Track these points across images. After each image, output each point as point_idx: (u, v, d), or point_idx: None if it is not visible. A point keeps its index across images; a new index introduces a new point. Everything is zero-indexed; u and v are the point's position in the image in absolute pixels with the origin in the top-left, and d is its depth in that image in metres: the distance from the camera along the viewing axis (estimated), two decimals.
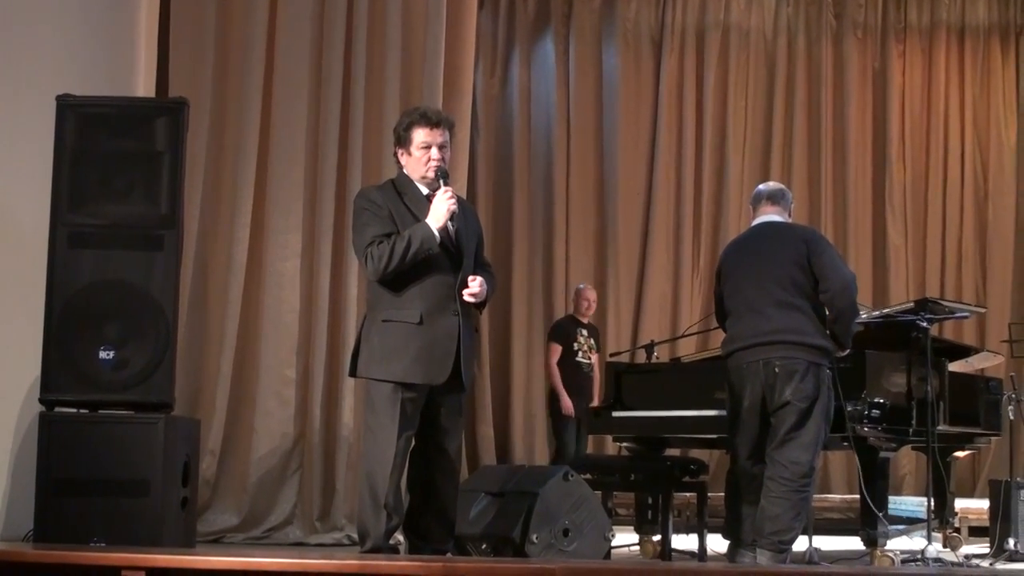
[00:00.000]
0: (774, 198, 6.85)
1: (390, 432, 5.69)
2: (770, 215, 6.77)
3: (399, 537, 6.07)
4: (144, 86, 7.74)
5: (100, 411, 6.06)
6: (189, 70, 8.28)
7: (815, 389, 6.28)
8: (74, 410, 6.07)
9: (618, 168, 11.86)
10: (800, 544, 6.99)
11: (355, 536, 6.97)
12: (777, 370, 6.28)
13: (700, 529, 7.31)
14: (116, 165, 6.15)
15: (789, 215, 6.85)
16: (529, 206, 11.81)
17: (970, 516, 8.95)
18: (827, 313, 6.42)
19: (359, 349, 5.85)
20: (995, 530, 7.60)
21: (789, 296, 6.39)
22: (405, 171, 5.95)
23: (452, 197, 5.77)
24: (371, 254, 5.69)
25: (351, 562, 4.86)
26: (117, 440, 5.97)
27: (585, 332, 10.22)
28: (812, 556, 6.73)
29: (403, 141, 5.93)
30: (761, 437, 6.42)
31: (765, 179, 11.94)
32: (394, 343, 5.72)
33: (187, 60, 8.30)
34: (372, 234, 5.73)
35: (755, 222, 6.80)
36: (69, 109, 6.17)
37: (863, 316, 7.56)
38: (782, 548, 6.25)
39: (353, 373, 5.90)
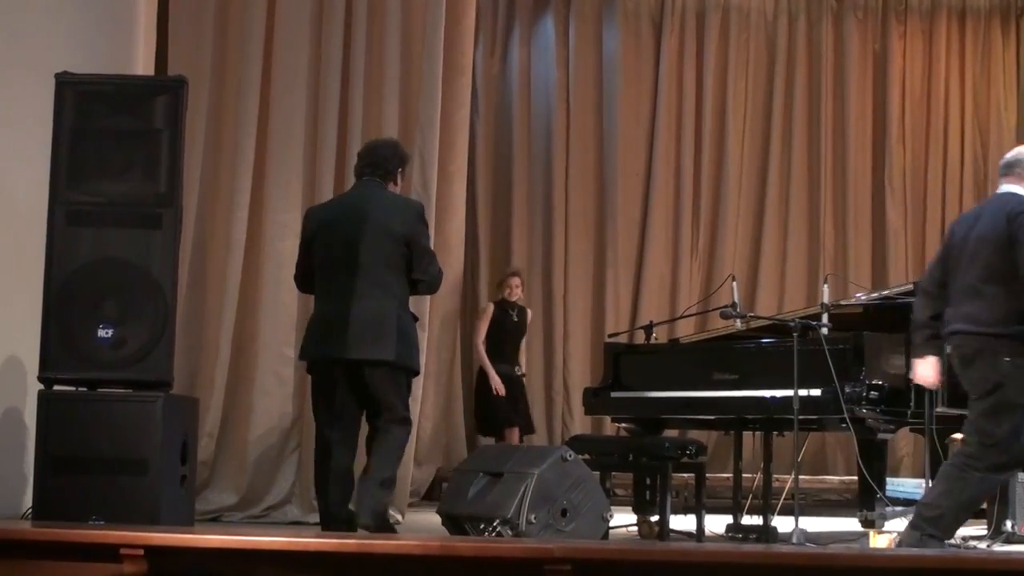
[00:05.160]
0: (1005, 168, 6.47)
1: None
2: (1002, 186, 6.42)
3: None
4: (143, 64, 7.73)
5: (98, 389, 6.06)
6: (188, 47, 8.27)
7: (989, 377, 6.05)
8: (72, 388, 6.07)
9: (617, 149, 11.85)
10: (786, 525, 7.01)
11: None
12: (954, 359, 6.18)
13: (698, 510, 7.32)
14: (115, 143, 6.14)
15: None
16: (528, 186, 11.80)
17: None
18: None
19: (402, 337, 6.22)
20: (992, 512, 7.60)
21: (978, 281, 6.10)
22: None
23: None
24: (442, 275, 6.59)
25: (349, 541, 4.87)
26: (116, 418, 5.97)
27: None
28: (798, 537, 6.71)
29: (403, 175, 6.77)
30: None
31: (764, 160, 11.97)
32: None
33: (187, 37, 8.30)
34: None
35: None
36: (68, 87, 6.16)
37: (862, 297, 7.57)
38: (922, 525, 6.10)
39: (397, 359, 6.18)
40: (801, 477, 7.52)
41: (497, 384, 9.61)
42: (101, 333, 6.02)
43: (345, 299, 6.20)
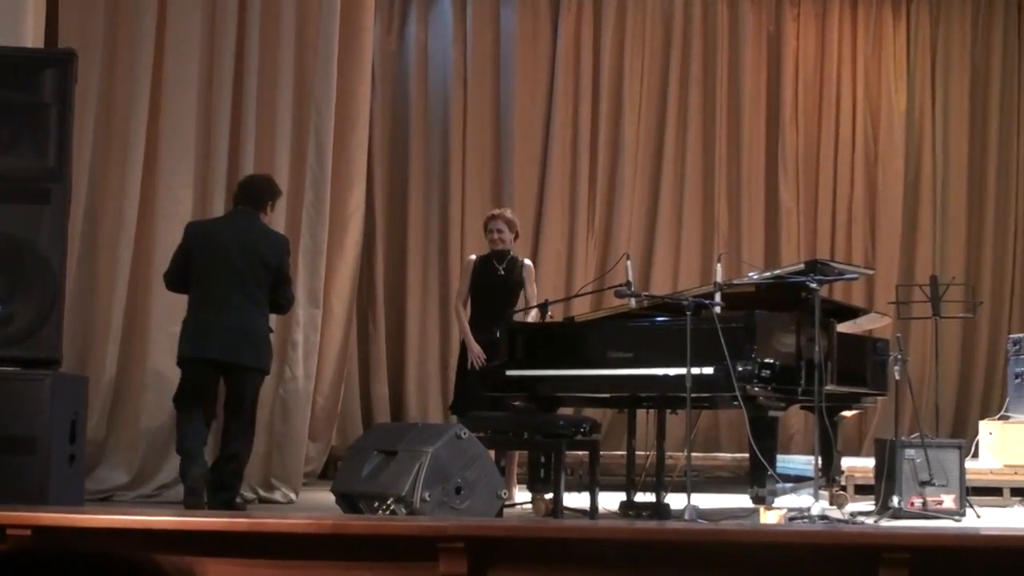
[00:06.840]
0: None
1: None
2: None
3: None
4: (32, 35, 7.58)
5: None
6: (79, 18, 8.14)
7: None
8: None
9: (514, 127, 11.85)
10: (679, 502, 7.08)
11: (246, 495, 7.19)
12: None
13: (592, 487, 7.37)
14: (2, 117, 6.04)
15: None
16: (425, 164, 11.77)
17: (856, 474, 9.09)
18: None
19: (267, 346, 7.40)
20: (880, 488, 7.74)
21: None
22: None
23: None
24: None
25: (240, 520, 4.84)
26: (3, 397, 5.88)
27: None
28: (690, 514, 6.77)
29: (273, 207, 7.58)
30: None
31: (660, 140, 12.04)
32: None
33: (77, 10, 8.16)
34: None
35: None
36: None
37: (754, 277, 7.66)
38: None
39: (264, 366, 7.39)
40: (693, 454, 7.58)
41: (475, 355, 8.41)
42: None
43: (223, 309, 7.18)
